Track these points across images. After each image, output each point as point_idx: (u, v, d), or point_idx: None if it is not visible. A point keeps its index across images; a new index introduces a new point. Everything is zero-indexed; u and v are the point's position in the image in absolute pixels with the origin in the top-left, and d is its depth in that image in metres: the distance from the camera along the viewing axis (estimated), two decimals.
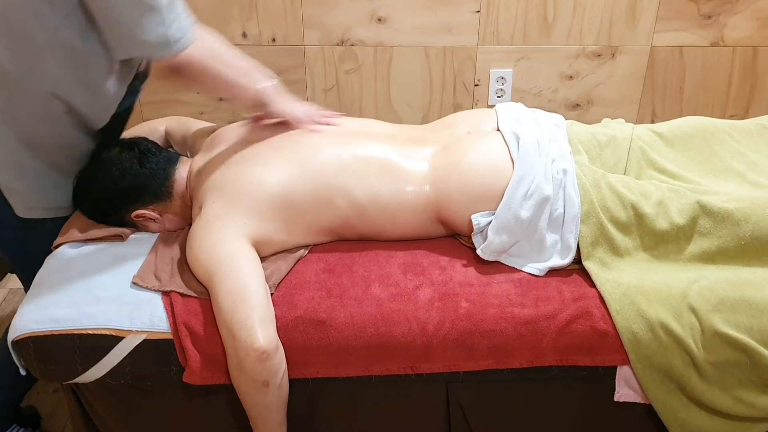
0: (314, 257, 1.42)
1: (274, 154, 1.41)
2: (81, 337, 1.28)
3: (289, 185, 1.38)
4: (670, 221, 1.38)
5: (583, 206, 1.38)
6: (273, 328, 1.24)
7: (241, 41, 2.35)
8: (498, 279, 1.37)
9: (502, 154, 1.43)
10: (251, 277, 1.26)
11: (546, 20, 2.35)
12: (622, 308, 1.30)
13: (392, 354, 1.31)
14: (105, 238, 1.45)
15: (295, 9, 2.31)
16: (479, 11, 2.32)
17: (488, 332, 1.30)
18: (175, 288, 1.32)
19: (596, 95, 2.50)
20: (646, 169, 1.53)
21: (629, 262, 1.38)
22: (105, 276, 1.35)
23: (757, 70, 2.47)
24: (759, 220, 1.36)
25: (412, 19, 2.33)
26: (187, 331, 1.27)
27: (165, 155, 1.49)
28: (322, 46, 2.37)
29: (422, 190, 1.42)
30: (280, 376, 1.25)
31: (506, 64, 2.43)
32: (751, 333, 1.28)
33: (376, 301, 1.32)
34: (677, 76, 2.47)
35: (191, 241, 1.34)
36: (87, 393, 1.38)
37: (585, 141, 1.56)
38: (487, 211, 1.39)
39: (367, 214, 1.41)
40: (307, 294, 1.33)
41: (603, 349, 1.31)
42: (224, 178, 1.38)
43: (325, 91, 2.45)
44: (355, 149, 1.43)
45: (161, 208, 1.47)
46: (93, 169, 1.46)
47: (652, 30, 2.38)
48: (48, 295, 1.32)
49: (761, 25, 2.39)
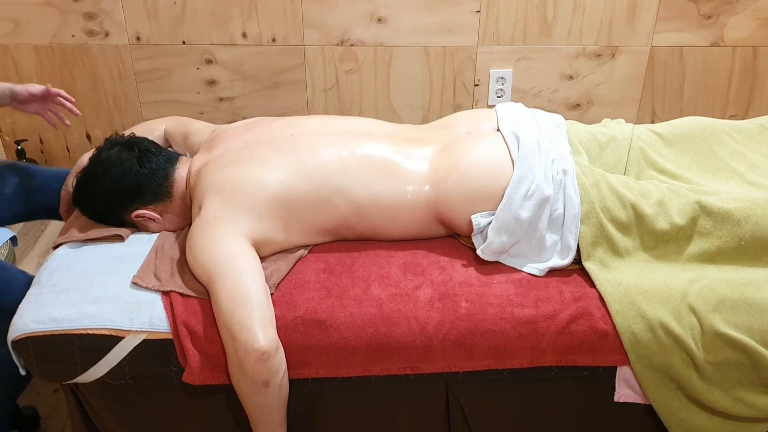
0: (314, 257, 1.42)
1: (274, 154, 1.41)
2: (81, 337, 1.28)
3: (289, 185, 1.38)
4: (670, 221, 1.38)
5: (583, 206, 1.38)
6: (273, 329, 1.24)
7: (241, 41, 2.35)
8: (498, 279, 1.37)
9: (502, 155, 1.43)
10: (251, 277, 1.26)
11: (546, 20, 2.35)
12: (622, 308, 1.30)
13: (392, 354, 1.31)
14: (105, 238, 1.45)
15: (295, 9, 2.31)
16: (479, 11, 2.33)
17: (488, 332, 1.30)
18: (175, 288, 1.32)
19: (596, 95, 2.50)
20: (646, 169, 1.53)
21: (629, 263, 1.38)
22: (105, 276, 1.35)
23: (757, 70, 2.47)
24: (759, 220, 1.36)
25: (412, 19, 2.34)
26: (187, 331, 1.27)
27: (165, 155, 1.49)
28: (322, 46, 2.37)
29: (422, 190, 1.42)
30: (281, 376, 1.25)
31: (506, 64, 2.43)
32: (751, 333, 1.28)
33: (376, 301, 1.32)
34: (677, 76, 2.47)
35: (190, 241, 1.34)
36: (87, 393, 1.38)
37: (585, 141, 1.56)
38: (487, 211, 1.39)
39: (366, 214, 1.41)
40: (307, 294, 1.33)
41: (603, 350, 1.31)
42: (223, 178, 1.38)
43: (325, 91, 2.45)
44: (355, 149, 1.43)
45: (161, 208, 1.47)
46: (93, 169, 1.46)
47: (652, 30, 2.38)
48: (48, 295, 1.32)
49: (761, 25, 2.39)
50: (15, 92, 1.59)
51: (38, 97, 1.61)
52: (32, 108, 1.64)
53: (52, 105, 1.65)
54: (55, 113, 1.66)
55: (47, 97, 1.62)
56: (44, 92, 1.60)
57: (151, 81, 2.41)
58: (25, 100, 1.61)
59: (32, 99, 1.61)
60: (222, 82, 2.41)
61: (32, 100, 1.62)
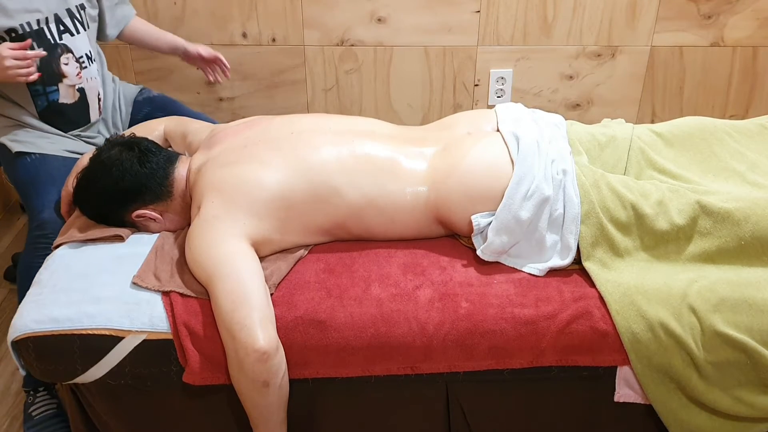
0: (314, 257, 1.42)
1: (273, 154, 1.41)
2: (81, 337, 1.28)
3: (289, 185, 1.37)
4: (670, 221, 1.38)
5: (583, 207, 1.38)
6: (273, 329, 1.24)
7: (241, 41, 2.35)
8: (498, 279, 1.37)
9: (502, 155, 1.43)
10: (251, 277, 1.26)
11: (546, 20, 2.35)
12: (622, 308, 1.30)
13: (392, 354, 1.31)
14: (105, 238, 1.45)
15: (295, 9, 2.31)
16: (479, 11, 2.32)
17: (488, 332, 1.30)
18: (175, 288, 1.32)
19: (596, 95, 2.50)
20: (646, 169, 1.53)
21: (629, 263, 1.38)
22: (105, 276, 1.35)
23: (757, 70, 2.47)
24: (759, 220, 1.36)
25: (412, 19, 2.33)
26: (187, 331, 1.27)
27: (165, 154, 1.49)
28: (322, 46, 2.37)
29: (422, 191, 1.42)
30: (281, 376, 1.25)
31: (506, 64, 2.43)
32: (751, 333, 1.28)
33: (376, 301, 1.32)
34: (677, 76, 2.47)
35: (190, 241, 1.34)
36: (87, 393, 1.38)
37: (585, 141, 1.56)
38: (486, 211, 1.39)
39: (366, 214, 1.41)
40: (307, 294, 1.33)
41: (603, 350, 1.31)
42: (223, 178, 1.38)
43: (325, 91, 2.45)
44: (355, 149, 1.43)
45: (161, 208, 1.47)
46: (93, 169, 1.46)
47: (652, 30, 2.38)
48: (48, 295, 1.32)
49: (761, 25, 2.39)
50: (187, 51, 2.04)
51: (205, 58, 2.05)
52: (197, 64, 2.09)
53: (213, 65, 2.09)
54: (212, 71, 2.10)
55: (212, 60, 2.07)
56: (211, 56, 2.05)
57: (151, 81, 2.41)
58: (193, 57, 2.05)
59: (199, 58, 2.06)
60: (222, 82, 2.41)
61: (199, 59, 2.06)
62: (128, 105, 2.00)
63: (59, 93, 1.76)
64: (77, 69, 1.77)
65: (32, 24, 1.67)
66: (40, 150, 1.73)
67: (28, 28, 1.67)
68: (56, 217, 1.62)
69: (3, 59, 1.55)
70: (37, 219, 1.63)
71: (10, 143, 1.73)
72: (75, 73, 1.77)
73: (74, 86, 1.78)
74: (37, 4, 1.68)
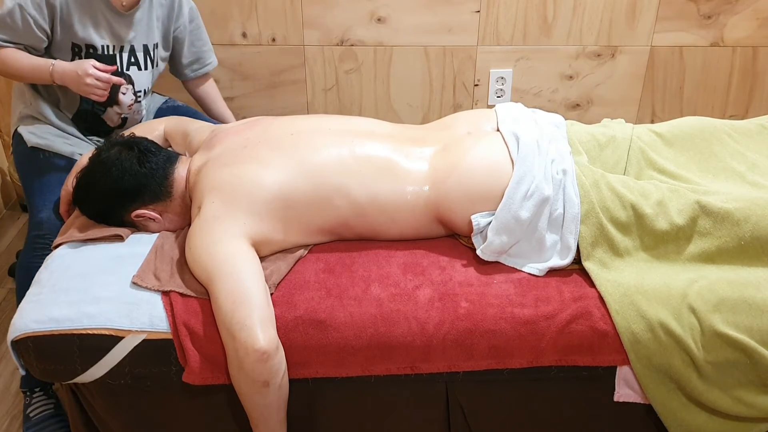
0: (314, 257, 1.42)
1: (273, 154, 1.41)
2: (81, 337, 1.28)
3: (289, 185, 1.37)
4: (669, 221, 1.38)
5: (583, 206, 1.38)
6: (273, 329, 1.24)
7: (241, 41, 2.35)
8: (498, 279, 1.37)
9: (502, 155, 1.43)
10: (251, 277, 1.26)
11: (546, 20, 2.35)
12: (621, 308, 1.30)
13: (392, 354, 1.31)
14: (105, 238, 1.45)
15: (295, 9, 2.31)
16: (479, 11, 2.33)
17: (488, 332, 1.30)
18: (174, 288, 1.32)
19: (596, 95, 2.50)
20: (646, 169, 1.53)
21: (629, 263, 1.38)
22: (105, 276, 1.35)
23: (757, 70, 2.47)
24: (759, 220, 1.36)
25: (412, 19, 2.34)
26: (187, 331, 1.27)
27: (164, 155, 1.49)
28: (322, 46, 2.37)
29: (422, 191, 1.42)
30: (281, 376, 1.25)
31: (506, 64, 2.43)
32: (751, 333, 1.28)
33: (376, 301, 1.32)
34: (677, 76, 2.47)
35: (190, 241, 1.34)
36: (87, 393, 1.38)
37: (585, 141, 1.56)
38: (486, 211, 1.39)
39: (366, 214, 1.41)
40: (307, 294, 1.33)
41: (603, 349, 1.31)
42: (223, 178, 1.38)
43: (325, 91, 2.45)
44: (356, 149, 1.43)
45: (161, 208, 1.47)
46: (93, 169, 1.46)
47: (652, 30, 2.38)
48: (48, 295, 1.32)
49: (761, 25, 2.39)
50: None
51: None
52: None
53: None
54: None
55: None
56: None
57: None
58: None
59: None
60: (222, 81, 2.41)
61: None
62: (151, 113, 2.01)
63: (105, 113, 1.80)
64: (131, 101, 1.81)
65: (110, 48, 1.72)
66: (55, 149, 1.74)
67: (106, 51, 1.71)
68: (54, 217, 1.62)
69: (86, 75, 1.58)
70: (35, 218, 1.63)
71: (28, 135, 1.74)
72: (128, 104, 1.81)
73: (121, 114, 1.82)
74: (121, 31, 1.72)
